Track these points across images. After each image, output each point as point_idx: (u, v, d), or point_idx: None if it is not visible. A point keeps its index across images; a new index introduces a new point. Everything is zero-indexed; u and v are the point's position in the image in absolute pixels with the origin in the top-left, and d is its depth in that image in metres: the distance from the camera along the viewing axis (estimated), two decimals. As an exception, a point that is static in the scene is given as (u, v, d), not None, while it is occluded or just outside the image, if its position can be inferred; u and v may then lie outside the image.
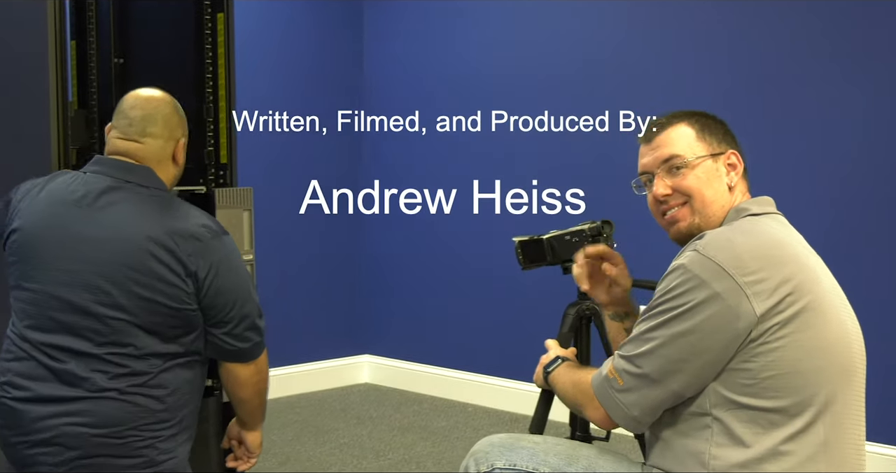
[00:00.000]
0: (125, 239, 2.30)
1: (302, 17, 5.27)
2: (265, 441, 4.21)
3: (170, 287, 2.29)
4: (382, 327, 5.49)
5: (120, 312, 2.28)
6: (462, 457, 2.16)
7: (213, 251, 2.35)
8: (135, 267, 2.28)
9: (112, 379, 2.27)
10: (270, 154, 5.04)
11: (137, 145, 2.45)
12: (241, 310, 2.41)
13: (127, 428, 2.27)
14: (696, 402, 1.85)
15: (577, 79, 4.55)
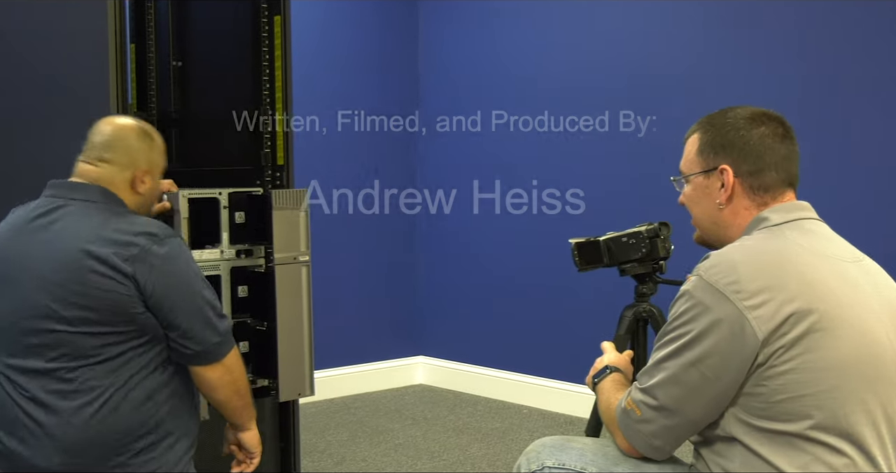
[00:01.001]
0: (64, 253, 2.31)
1: (357, 19, 5.28)
2: (320, 442, 4.26)
3: (109, 293, 2.27)
4: (437, 328, 5.49)
5: (66, 325, 2.29)
6: (516, 459, 2.17)
7: (153, 254, 2.31)
8: (75, 280, 2.28)
9: (70, 398, 2.29)
10: (327, 155, 5.06)
11: (92, 168, 2.46)
12: (191, 311, 2.35)
13: (93, 449, 2.28)
14: (720, 426, 1.83)
15: (637, 80, 4.51)
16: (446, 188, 5.37)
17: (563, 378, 4.77)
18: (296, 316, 3.18)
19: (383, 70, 5.37)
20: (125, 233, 2.32)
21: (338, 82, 5.16)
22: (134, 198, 2.50)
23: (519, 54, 5.01)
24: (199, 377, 2.40)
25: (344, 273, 5.17)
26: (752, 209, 1.95)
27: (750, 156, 1.94)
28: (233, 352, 2.43)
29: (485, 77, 5.17)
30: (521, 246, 4.99)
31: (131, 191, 2.49)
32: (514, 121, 5.02)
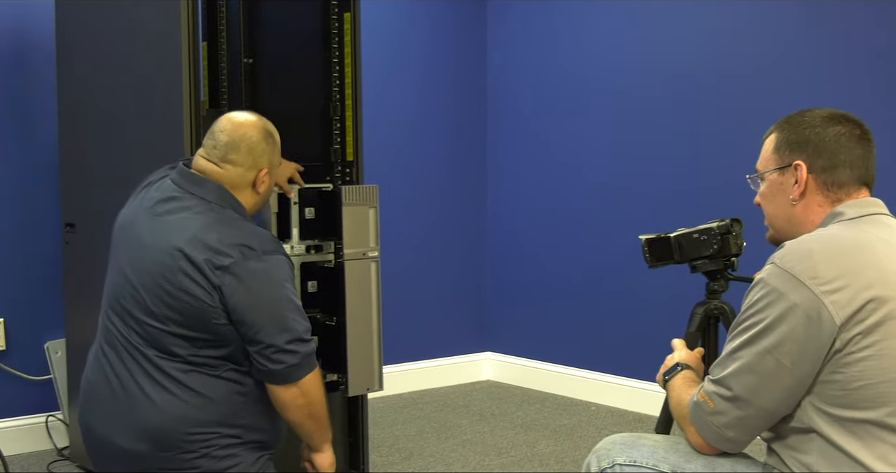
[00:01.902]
0: (162, 249, 2.35)
1: (427, 17, 5.28)
2: (388, 437, 4.28)
3: (195, 300, 2.31)
4: (505, 324, 5.48)
5: (152, 319, 2.35)
6: (585, 456, 2.16)
7: (244, 268, 2.32)
8: (166, 277, 2.33)
9: (154, 388, 2.34)
10: (396, 153, 5.08)
11: (216, 169, 2.47)
12: (274, 330, 2.34)
13: (171, 439, 2.32)
14: (795, 417, 1.82)
15: (712, 81, 4.46)
16: (513, 186, 5.36)
17: (632, 375, 4.74)
18: (365, 311, 3.20)
19: (450, 68, 5.37)
20: (224, 241, 2.33)
21: (403, 80, 5.17)
22: (254, 198, 2.53)
23: (586, 54, 4.97)
24: (273, 394, 2.41)
25: (413, 269, 5.19)
26: (826, 206, 1.94)
27: (824, 153, 1.93)
28: (311, 376, 2.40)
29: (551, 76, 5.15)
30: (590, 243, 4.96)
31: (252, 192, 2.51)
32: (581, 120, 4.99)
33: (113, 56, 3.54)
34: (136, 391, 2.35)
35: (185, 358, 2.34)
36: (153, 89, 3.28)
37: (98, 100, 3.62)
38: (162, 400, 2.32)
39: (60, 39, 3.85)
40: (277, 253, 2.41)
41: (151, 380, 2.34)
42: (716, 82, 4.41)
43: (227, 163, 2.47)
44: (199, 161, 2.50)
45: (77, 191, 3.80)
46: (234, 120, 2.51)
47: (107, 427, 2.38)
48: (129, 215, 2.51)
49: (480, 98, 5.47)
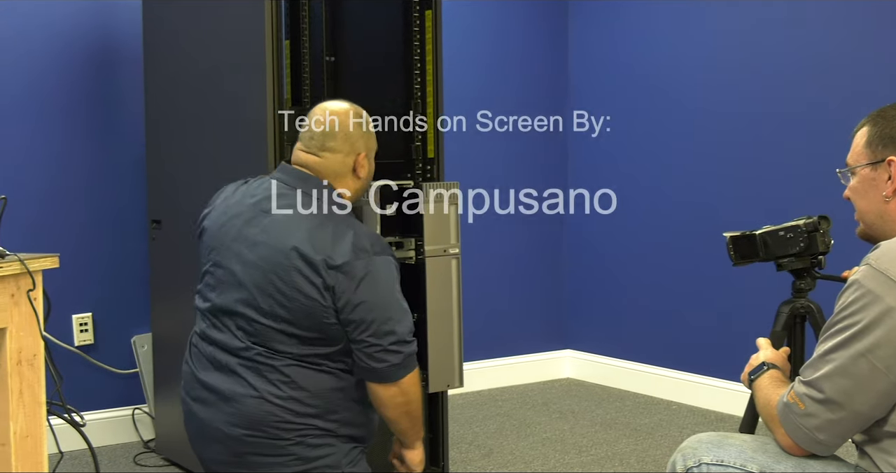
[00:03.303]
0: (275, 246, 2.37)
1: (508, 16, 5.27)
2: (468, 433, 4.29)
3: (308, 299, 2.33)
4: (585, 322, 5.45)
5: (261, 316, 2.37)
6: (666, 456, 2.14)
7: (357, 269, 2.34)
8: (278, 274, 2.35)
9: (255, 378, 2.37)
10: (475, 152, 5.07)
11: (316, 159, 2.51)
12: (379, 330, 2.37)
13: (269, 426, 2.35)
14: (889, 420, 1.78)
15: (795, 75, 4.38)
16: (592, 186, 5.31)
17: (715, 374, 4.67)
18: (445, 308, 3.21)
19: (529, 69, 5.34)
20: (338, 241, 2.36)
21: (482, 80, 5.16)
22: (356, 183, 2.56)
23: (665, 55, 4.92)
24: (373, 392, 2.44)
25: (493, 267, 5.18)
26: None
27: None
28: (410, 376, 2.44)
29: (631, 76, 5.10)
30: (672, 239, 4.91)
31: (353, 177, 2.55)
32: (661, 118, 4.93)
33: (198, 55, 3.59)
34: (238, 380, 2.38)
35: (291, 354, 2.37)
36: (237, 88, 3.32)
37: (183, 99, 3.68)
38: (262, 390, 2.36)
39: (147, 39, 3.93)
40: (387, 253, 2.44)
41: (255, 372, 2.37)
42: (799, 76, 4.33)
43: (326, 152, 2.50)
44: (299, 154, 2.53)
45: (163, 189, 3.87)
46: (326, 109, 2.56)
47: (207, 412, 2.43)
48: (229, 212, 2.53)
49: (560, 97, 5.44)
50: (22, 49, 4.01)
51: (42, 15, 4.04)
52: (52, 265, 2.32)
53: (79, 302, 4.13)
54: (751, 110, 4.52)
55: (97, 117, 4.18)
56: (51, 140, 4.08)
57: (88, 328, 4.15)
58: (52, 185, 4.08)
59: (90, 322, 4.16)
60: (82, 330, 4.13)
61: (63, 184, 4.11)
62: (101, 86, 4.19)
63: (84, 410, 3.76)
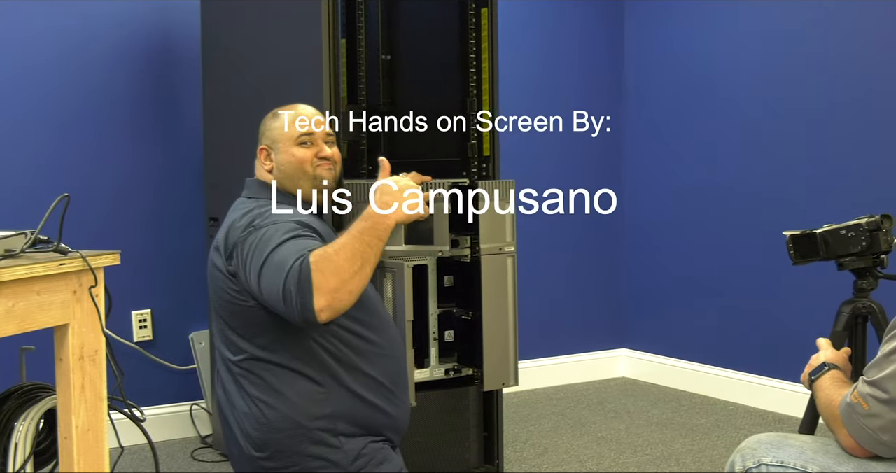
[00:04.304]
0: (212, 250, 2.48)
1: (564, 14, 5.24)
2: (522, 432, 4.28)
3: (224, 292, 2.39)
4: (641, 321, 5.41)
5: (217, 319, 2.45)
6: (723, 457, 2.12)
7: (241, 242, 2.31)
8: (210, 272, 2.45)
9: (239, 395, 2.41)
10: (532, 149, 5.06)
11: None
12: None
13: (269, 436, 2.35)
14: None
15: (854, 73, 4.31)
16: (649, 181, 5.29)
17: (773, 374, 4.62)
18: (501, 306, 3.20)
19: (584, 67, 5.31)
20: (227, 226, 2.44)
21: (537, 78, 5.14)
22: (267, 176, 2.63)
23: (722, 54, 4.86)
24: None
25: (548, 265, 5.17)
26: None
27: None
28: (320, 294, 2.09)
29: (688, 75, 5.05)
30: (729, 239, 4.86)
31: (262, 171, 2.65)
32: (718, 117, 4.88)
33: (255, 55, 3.62)
34: (233, 402, 2.43)
35: (246, 357, 2.38)
36: (293, 86, 3.34)
37: (241, 98, 3.71)
38: (246, 409, 2.37)
39: (205, 40, 3.97)
40: (274, 223, 2.29)
41: (237, 388, 2.41)
42: (857, 74, 4.26)
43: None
44: None
45: (220, 187, 3.90)
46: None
47: (225, 431, 2.50)
48: None
49: (616, 96, 5.40)
50: (82, 51, 4.07)
51: (104, 18, 4.10)
52: (113, 262, 2.35)
53: (138, 299, 4.19)
54: (809, 107, 4.46)
55: (156, 117, 4.23)
56: (111, 139, 4.14)
57: (147, 324, 4.20)
58: (113, 184, 4.14)
59: (149, 318, 4.21)
60: (141, 327, 4.19)
61: (123, 182, 4.16)
62: (160, 86, 4.24)
63: (143, 405, 3.80)
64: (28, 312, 2.14)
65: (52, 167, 4.00)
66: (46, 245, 2.26)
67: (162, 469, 3.74)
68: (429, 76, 3.46)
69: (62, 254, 2.22)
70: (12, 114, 3.94)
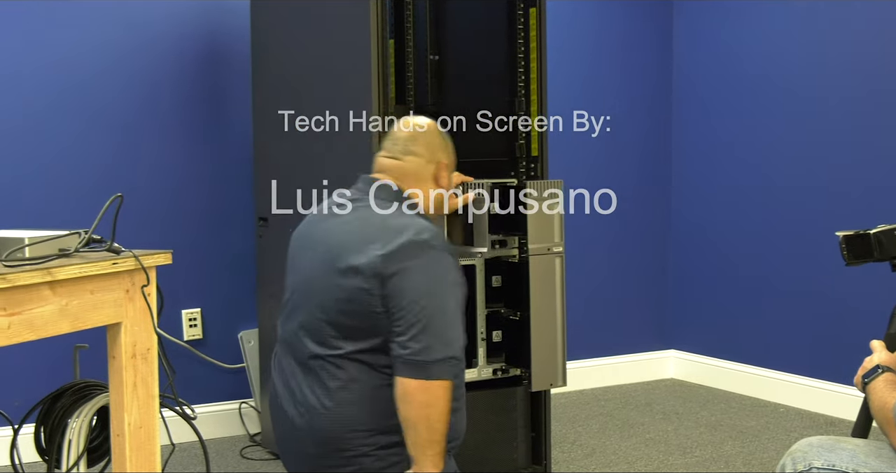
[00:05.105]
0: (331, 246, 2.37)
1: (612, 13, 5.21)
2: (570, 433, 4.27)
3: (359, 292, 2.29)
4: (690, 322, 5.37)
5: (319, 311, 2.34)
6: (774, 459, 2.10)
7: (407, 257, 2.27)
8: (334, 269, 2.33)
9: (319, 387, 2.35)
10: (580, 149, 5.04)
11: (396, 162, 2.51)
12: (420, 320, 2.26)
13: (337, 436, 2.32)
14: None
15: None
16: (697, 181, 5.25)
17: (825, 377, 4.56)
18: (549, 306, 3.20)
19: (634, 66, 5.28)
20: (392, 234, 2.32)
21: (588, 76, 5.12)
22: (434, 191, 2.56)
23: (773, 53, 4.81)
24: (398, 384, 2.28)
25: (596, 265, 5.15)
26: None
27: None
28: (444, 383, 2.26)
29: (738, 74, 5.00)
30: (780, 239, 4.81)
31: (433, 184, 2.55)
32: (768, 117, 4.83)
33: (304, 55, 3.64)
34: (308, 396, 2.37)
35: (346, 357, 2.33)
36: (343, 86, 3.36)
37: (290, 98, 3.74)
38: (327, 404, 2.33)
39: (255, 40, 4.00)
40: (444, 248, 2.37)
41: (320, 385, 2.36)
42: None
43: (408, 155, 2.52)
44: (380, 160, 2.56)
45: (269, 187, 3.92)
46: (412, 120, 2.60)
47: (285, 428, 2.44)
48: (306, 224, 2.58)
49: (665, 94, 5.37)
50: (133, 49, 4.12)
51: (156, 24, 4.14)
52: (164, 261, 2.37)
53: (188, 298, 4.23)
54: (860, 107, 4.40)
55: (206, 119, 4.27)
56: (162, 140, 4.18)
57: (197, 323, 4.24)
58: (165, 185, 4.18)
59: (199, 317, 4.25)
60: (191, 325, 4.23)
61: (174, 182, 4.20)
62: (210, 86, 4.28)
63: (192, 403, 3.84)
64: (82, 311, 2.17)
65: (105, 169, 4.05)
66: (100, 244, 2.28)
67: (212, 467, 3.78)
68: (477, 76, 3.47)
69: (115, 254, 2.25)
70: (68, 117, 4.00)
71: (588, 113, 5.08)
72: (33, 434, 2.67)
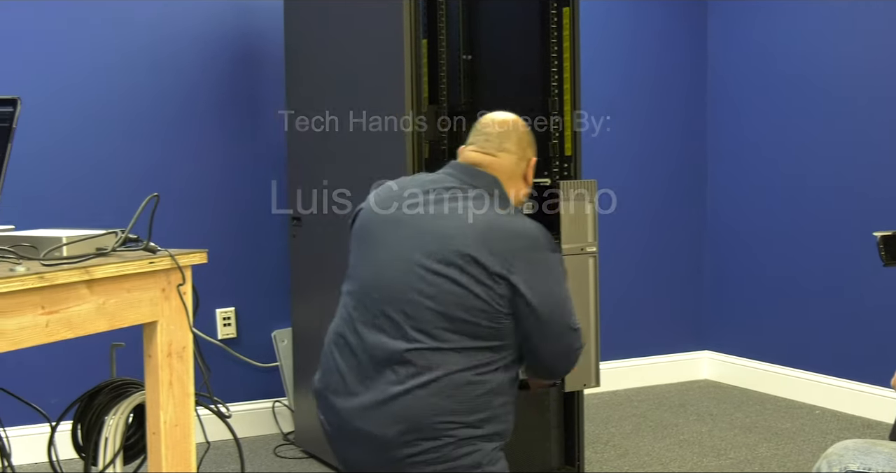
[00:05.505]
0: (448, 235, 2.35)
1: (646, 13, 5.19)
2: (603, 433, 4.26)
3: (478, 285, 2.31)
4: (724, 323, 5.34)
5: (430, 301, 2.32)
6: (810, 462, 2.08)
7: (529, 259, 2.35)
8: (448, 262, 2.32)
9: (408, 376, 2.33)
10: (614, 149, 5.03)
11: (492, 158, 2.52)
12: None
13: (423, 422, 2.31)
14: None
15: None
16: (732, 181, 5.22)
17: (862, 379, 4.52)
18: (582, 306, 3.19)
19: (669, 66, 5.25)
20: (509, 232, 2.38)
21: (621, 76, 5.11)
22: (523, 188, 2.60)
23: (809, 53, 4.77)
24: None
25: (630, 265, 5.13)
26: None
27: None
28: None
29: (773, 74, 4.97)
30: (816, 239, 4.77)
31: (523, 183, 2.59)
32: (804, 118, 4.79)
33: (337, 55, 3.65)
34: (391, 380, 2.35)
35: (445, 342, 2.33)
36: (375, 86, 3.36)
37: (323, 98, 3.75)
38: (415, 389, 2.32)
39: (288, 40, 4.01)
40: (554, 249, 2.47)
41: (407, 370, 2.34)
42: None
43: (503, 152, 2.53)
44: (471, 155, 2.55)
45: (303, 187, 3.94)
46: (499, 116, 2.62)
47: (351, 410, 2.40)
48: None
49: (699, 94, 5.34)
50: (169, 52, 4.15)
51: (189, 19, 4.17)
52: (200, 260, 2.38)
53: (222, 297, 4.26)
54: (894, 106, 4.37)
55: (240, 117, 4.29)
56: (197, 140, 4.21)
57: (231, 322, 4.27)
58: (198, 183, 4.21)
59: (233, 316, 4.28)
60: (225, 324, 4.25)
61: (208, 182, 4.23)
62: (244, 86, 4.30)
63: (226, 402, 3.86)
64: (118, 309, 2.18)
65: (140, 168, 4.09)
66: (136, 243, 2.30)
67: (246, 465, 3.80)
68: (509, 76, 3.47)
69: (151, 253, 2.26)
70: (101, 116, 4.04)
71: (622, 113, 5.09)
72: (70, 431, 2.70)
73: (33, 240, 2.17)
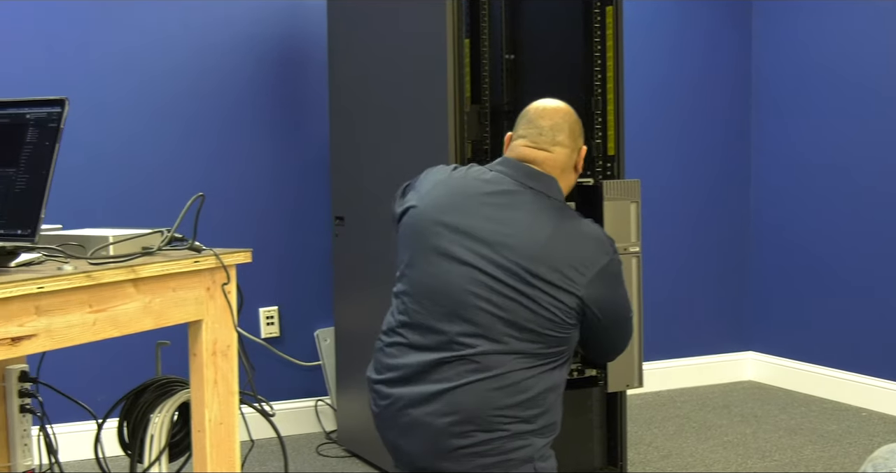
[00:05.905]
0: (513, 246, 2.34)
1: (691, 11, 5.16)
2: (646, 434, 4.24)
3: (546, 297, 2.32)
4: (768, 323, 5.29)
5: (491, 306, 2.32)
6: (856, 464, 2.06)
7: (597, 270, 2.38)
8: (515, 273, 2.32)
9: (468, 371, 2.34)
10: (658, 149, 5.00)
11: (546, 154, 2.50)
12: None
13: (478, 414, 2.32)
14: None
15: None
16: (777, 181, 5.17)
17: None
18: (625, 307, 3.16)
19: (714, 64, 5.21)
20: (579, 241, 2.41)
21: (665, 75, 5.08)
22: (574, 178, 2.61)
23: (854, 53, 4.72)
24: None
25: (673, 265, 5.10)
26: None
27: None
28: None
29: (818, 74, 4.92)
30: (863, 240, 4.72)
31: (574, 172, 2.59)
32: (849, 118, 4.74)
33: (380, 55, 3.66)
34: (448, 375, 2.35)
35: (509, 347, 2.34)
36: (419, 86, 3.37)
37: (366, 99, 3.76)
38: (474, 383, 2.33)
39: (332, 41, 4.03)
40: (615, 249, 2.49)
41: (467, 367, 2.34)
42: None
43: (557, 146, 2.51)
44: (524, 151, 2.51)
45: (346, 186, 3.96)
46: (548, 106, 2.58)
47: (408, 397, 2.40)
48: (436, 205, 2.48)
49: (745, 94, 5.29)
50: (214, 52, 4.19)
51: (233, 19, 4.21)
52: (245, 260, 2.40)
53: (265, 296, 4.29)
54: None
55: (284, 117, 4.32)
56: (241, 139, 4.24)
57: (274, 321, 4.30)
58: (242, 183, 4.24)
59: (276, 315, 4.30)
60: (269, 323, 4.28)
61: (251, 181, 4.26)
62: (287, 86, 4.33)
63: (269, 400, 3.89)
64: (164, 308, 2.20)
65: (186, 169, 4.14)
66: (181, 243, 2.32)
67: (289, 464, 3.81)
68: (552, 75, 3.45)
69: (196, 252, 2.28)
70: (149, 117, 4.09)
71: (665, 112, 5.06)
72: (116, 428, 2.72)
73: (80, 239, 2.20)
